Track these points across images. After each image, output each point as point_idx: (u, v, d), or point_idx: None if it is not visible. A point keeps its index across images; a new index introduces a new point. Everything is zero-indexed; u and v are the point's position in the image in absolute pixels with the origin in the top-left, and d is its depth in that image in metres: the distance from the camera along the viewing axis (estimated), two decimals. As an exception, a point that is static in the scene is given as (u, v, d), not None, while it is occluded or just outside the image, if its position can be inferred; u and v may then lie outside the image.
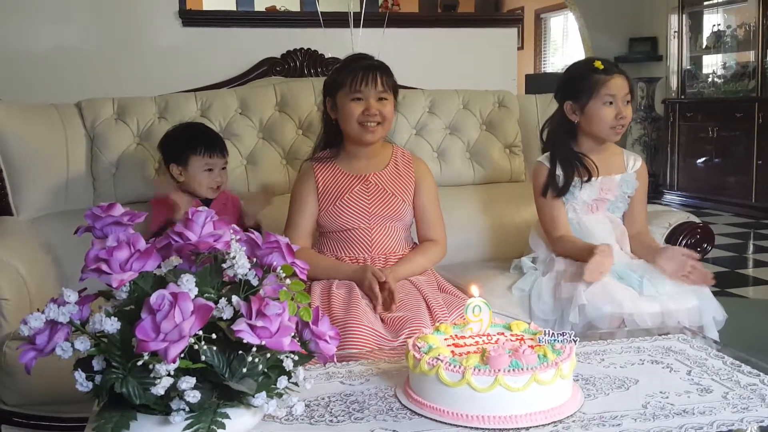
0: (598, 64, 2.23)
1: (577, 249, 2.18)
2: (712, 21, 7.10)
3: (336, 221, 2.13)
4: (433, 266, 2.21)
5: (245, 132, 2.61)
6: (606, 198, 2.28)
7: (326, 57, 3.20)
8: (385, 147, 2.24)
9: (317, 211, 2.15)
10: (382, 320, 1.91)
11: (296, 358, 1.15)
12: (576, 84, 2.25)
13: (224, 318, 1.09)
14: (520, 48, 9.09)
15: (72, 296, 1.06)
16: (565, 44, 10.64)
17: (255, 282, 1.15)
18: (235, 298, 1.10)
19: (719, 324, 2.12)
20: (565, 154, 2.28)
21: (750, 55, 6.59)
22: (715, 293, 2.20)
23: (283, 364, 1.13)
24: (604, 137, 2.26)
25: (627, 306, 2.00)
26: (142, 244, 1.08)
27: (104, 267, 1.04)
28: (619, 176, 2.30)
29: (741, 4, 6.76)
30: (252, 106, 2.65)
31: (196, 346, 1.03)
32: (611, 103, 2.20)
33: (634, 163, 2.34)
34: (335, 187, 2.15)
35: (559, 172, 2.26)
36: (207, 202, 2.26)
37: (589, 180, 2.25)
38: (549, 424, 1.23)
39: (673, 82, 7.35)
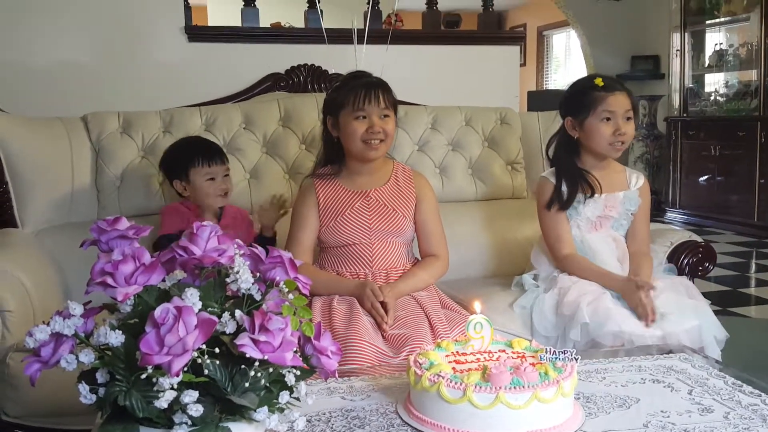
0: (599, 81, 2.26)
1: (597, 274, 2.19)
2: (715, 39, 7.13)
3: (337, 237, 2.14)
4: (435, 281, 2.22)
5: (249, 146, 2.62)
6: (610, 215, 2.29)
7: (330, 73, 3.22)
8: (386, 163, 2.25)
9: (318, 227, 2.16)
10: (384, 337, 1.92)
11: (298, 372, 1.16)
12: (576, 100, 2.28)
13: (227, 332, 1.09)
14: (523, 65, 9.12)
15: (77, 309, 1.07)
16: (568, 61, 10.68)
17: (258, 296, 1.16)
18: (238, 313, 1.10)
19: (720, 343, 2.12)
20: (568, 169, 2.29)
21: (752, 74, 6.62)
22: (716, 312, 2.20)
23: (285, 379, 1.13)
24: (604, 153, 2.27)
25: (628, 326, 2.00)
26: (147, 258, 1.09)
27: (109, 280, 1.05)
28: (622, 193, 2.31)
29: (743, 23, 6.79)
30: (256, 120, 2.67)
31: (199, 360, 1.03)
32: (609, 119, 2.22)
33: (637, 180, 2.35)
34: (336, 202, 2.16)
35: (564, 188, 2.27)
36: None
37: (592, 196, 2.26)
38: (550, 441, 1.23)
39: (676, 101, 7.37)
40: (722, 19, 6.98)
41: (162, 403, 1.00)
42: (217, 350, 1.06)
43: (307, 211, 2.17)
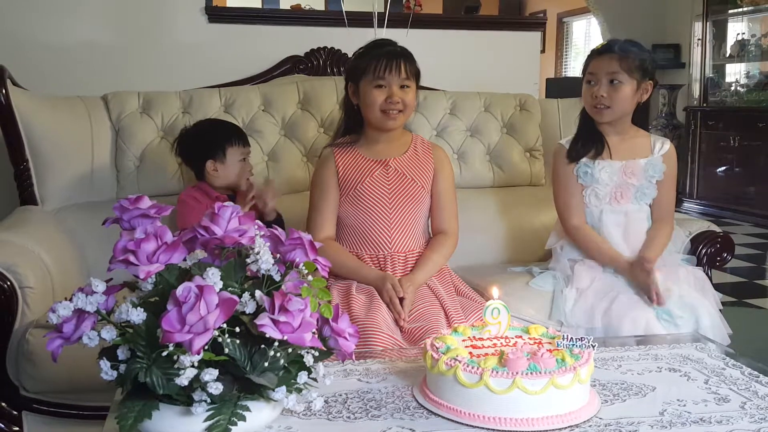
0: (598, 46, 2.25)
1: (605, 255, 2.18)
2: (737, 29, 7.05)
3: (356, 206, 2.12)
4: (447, 261, 2.21)
5: (267, 129, 2.63)
6: (630, 183, 2.23)
7: (349, 56, 3.22)
8: (404, 133, 2.24)
9: (339, 197, 2.15)
10: (401, 329, 1.92)
11: (317, 353, 1.17)
12: (583, 66, 2.28)
13: (247, 312, 1.10)
14: (542, 51, 9.08)
15: (100, 286, 1.08)
16: (587, 48, 10.55)
17: (277, 278, 1.17)
18: (258, 293, 1.11)
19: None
20: (585, 128, 2.27)
21: (774, 65, 6.56)
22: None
23: (304, 360, 1.14)
24: (592, 116, 2.24)
25: (641, 331, 2.01)
26: (169, 237, 1.10)
27: (132, 258, 1.06)
28: (644, 161, 2.24)
29: (766, 13, 6.71)
30: (275, 103, 2.67)
31: (219, 339, 1.05)
32: (590, 82, 2.21)
33: (662, 146, 2.28)
34: (355, 171, 2.15)
35: (579, 145, 2.25)
36: (230, 198, 2.28)
37: (596, 157, 2.22)
38: (566, 428, 1.23)
39: (696, 90, 7.30)
40: (745, 9, 6.90)
41: (182, 380, 1.02)
42: (237, 330, 1.07)
43: (327, 180, 2.16)
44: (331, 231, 2.15)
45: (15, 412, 1.96)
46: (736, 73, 7.07)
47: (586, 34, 10.61)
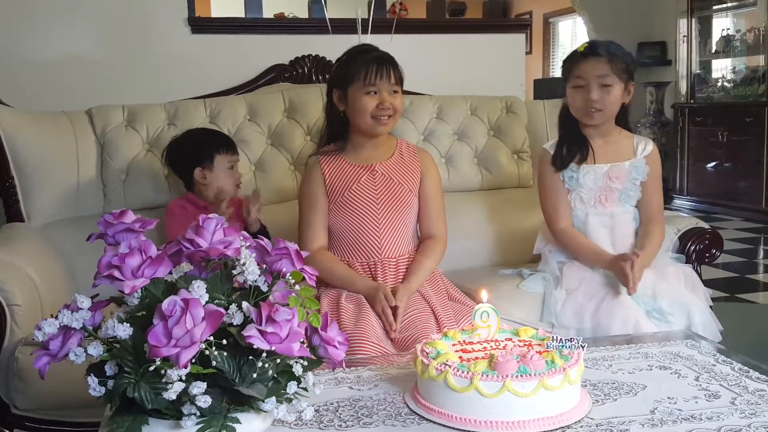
0: (581, 48, 2.23)
1: (589, 251, 2.18)
2: (722, 25, 7.09)
3: (345, 214, 2.11)
4: (437, 265, 2.21)
5: (254, 138, 2.62)
6: (614, 187, 2.23)
7: (334, 63, 3.22)
8: (389, 138, 2.23)
9: (328, 205, 2.15)
10: (390, 339, 1.92)
11: (306, 363, 1.16)
12: (564, 67, 2.27)
13: (234, 324, 1.10)
14: (528, 52, 9.09)
15: (85, 302, 1.07)
16: (574, 48, 10.61)
17: (264, 288, 1.16)
18: (245, 304, 1.11)
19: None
20: (568, 132, 2.27)
21: (760, 60, 6.58)
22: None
23: (293, 370, 1.14)
24: (581, 120, 2.23)
25: (631, 330, 2.01)
26: (153, 251, 1.10)
27: (116, 273, 1.06)
28: (627, 163, 2.24)
29: (750, 8, 6.75)
30: (260, 112, 2.67)
31: (207, 352, 1.04)
32: (579, 86, 2.19)
33: (645, 147, 2.27)
34: (342, 178, 2.14)
35: (564, 151, 2.24)
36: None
37: (582, 161, 2.22)
38: (557, 429, 1.23)
39: (683, 87, 7.34)
40: (729, 5, 6.95)
41: (170, 394, 1.01)
42: (224, 342, 1.07)
43: (315, 189, 2.14)
44: (323, 242, 2.14)
45: (7, 431, 1.95)
46: (722, 68, 7.11)
47: (573, 34, 10.64)
